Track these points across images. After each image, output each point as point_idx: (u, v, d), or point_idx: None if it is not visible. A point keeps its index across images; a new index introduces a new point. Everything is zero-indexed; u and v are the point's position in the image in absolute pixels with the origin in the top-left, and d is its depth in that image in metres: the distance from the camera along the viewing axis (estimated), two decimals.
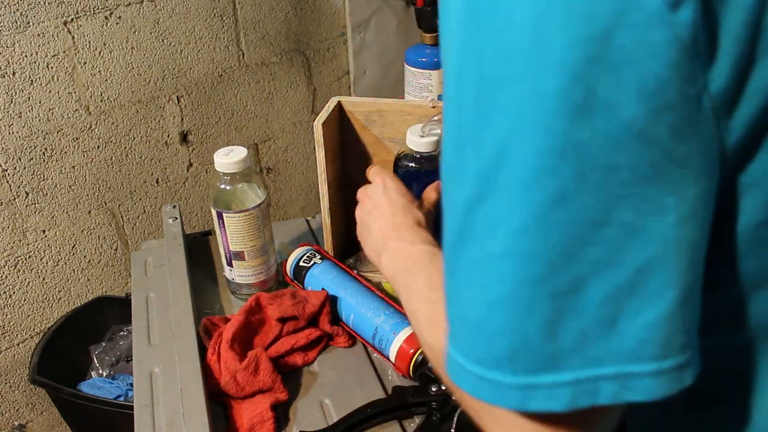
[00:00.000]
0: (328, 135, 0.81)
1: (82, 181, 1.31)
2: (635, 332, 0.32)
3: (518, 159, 0.31)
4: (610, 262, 0.32)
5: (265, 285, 0.86)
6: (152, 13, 1.30)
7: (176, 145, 1.45)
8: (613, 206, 0.31)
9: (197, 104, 1.44)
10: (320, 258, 0.84)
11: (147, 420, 0.67)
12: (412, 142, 0.77)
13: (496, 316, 0.34)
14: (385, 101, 0.84)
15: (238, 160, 0.78)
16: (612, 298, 0.32)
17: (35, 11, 1.15)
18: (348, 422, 0.67)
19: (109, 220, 1.39)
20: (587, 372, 0.33)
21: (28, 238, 1.27)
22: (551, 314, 0.32)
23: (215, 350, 0.73)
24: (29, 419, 1.41)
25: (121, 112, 1.33)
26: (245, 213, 0.79)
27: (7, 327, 1.31)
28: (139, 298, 0.85)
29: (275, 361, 0.73)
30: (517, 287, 0.33)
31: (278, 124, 1.62)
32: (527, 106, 0.30)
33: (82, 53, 1.23)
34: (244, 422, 0.68)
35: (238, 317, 0.75)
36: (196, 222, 1.55)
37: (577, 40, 0.29)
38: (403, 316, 0.75)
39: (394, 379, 0.74)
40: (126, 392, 1.27)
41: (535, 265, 0.32)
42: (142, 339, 0.78)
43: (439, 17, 0.36)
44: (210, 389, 0.70)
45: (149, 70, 1.34)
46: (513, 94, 0.31)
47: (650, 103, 0.29)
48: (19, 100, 1.18)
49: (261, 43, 1.50)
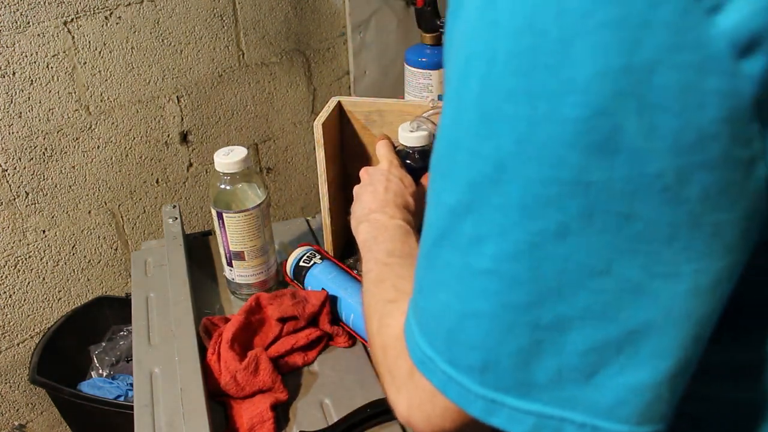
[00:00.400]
0: (328, 135, 0.82)
1: (82, 181, 1.31)
2: (614, 390, 0.30)
3: (519, 182, 0.28)
4: (602, 315, 0.29)
5: (265, 285, 0.86)
6: (152, 13, 1.30)
7: (176, 145, 1.45)
8: (618, 257, 0.27)
9: (197, 104, 1.44)
10: (320, 258, 0.84)
11: (147, 420, 0.67)
12: (403, 137, 0.77)
13: (471, 329, 0.32)
14: (385, 101, 0.84)
15: (238, 160, 0.78)
16: (596, 350, 0.29)
17: (35, 11, 1.15)
18: (348, 422, 0.67)
19: (109, 220, 1.39)
20: (555, 411, 0.31)
21: (28, 238, 1.27)
22: (528, 344, 0.30)
23: (215, 350, 0.73)
24: (29, 419, 1.41)
25: (121, 112, 1.33)
26: (245, 213, 0.79)
27: (7, 327, 1.31)
28: (139, 298, 0.85)
29: (275, 361, 0.73)
30: (497, 309, 0.31)
31: (278, 124, 1.62)
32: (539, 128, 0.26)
33: (82, 53, 1.23)
34: (244, 422, 0.68)
35: (238, 317, 0.75)
36: (196, 222, 1.55)
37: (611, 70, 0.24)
38: None
39: None
40: (126, 392, 1.27)
41: (521, 293, 0.30)
42: (142, 339, 0.78)
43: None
44: (210, 389, 0.70)
45: (149, 70, 1.34)
46: (523, 109, 0.27)
47: (685, 159, 0.25)
48: (19, 100, 1.18)
49: (261, 43, 1.50)
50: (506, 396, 0.31)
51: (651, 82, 0.24)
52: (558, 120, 0.26)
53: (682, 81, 0.24)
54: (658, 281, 0.28)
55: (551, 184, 0.27)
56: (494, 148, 0.28)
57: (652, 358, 0.29)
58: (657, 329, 0.28)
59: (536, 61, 0.26)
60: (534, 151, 0.27)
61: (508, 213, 0.29)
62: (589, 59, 0.24)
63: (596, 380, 0.30)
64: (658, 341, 0.29)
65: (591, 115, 0.25)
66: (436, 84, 1.15)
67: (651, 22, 0.23)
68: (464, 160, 0.30)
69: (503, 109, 0.27)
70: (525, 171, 0.27)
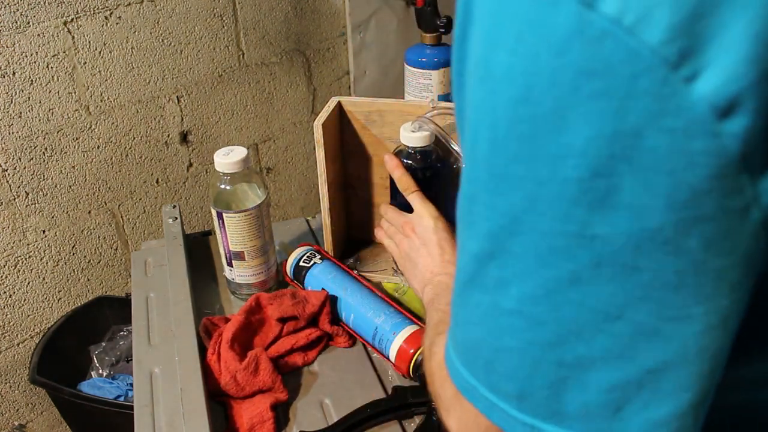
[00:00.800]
0: (328, 135, 0.82)
1: (82, 181, 1.31)
2: (641, 424, 0.31)
3: (532, 234, 0.30)
4: (621, 355, 0.30)
5: (265, 285, 0.86)
6: (152, 13, 1.30)
7: (176, 145, 1.45)
8: (630, 304, 0.29)
9: (197, 104, 1.44)
10: (320, 258, 0.84)
11: (147, 420, 0.67)
12: (405, 137, 0.78)
13: (505, 362, 0.34)
14: (385, 101, 0.84)
15: (238, 160, 0.78)
16: (619, 387, 0.31)
17: (35, 11, 1.15)
18: (348, 422, 0.67)
19: (109, 220, 1.39)
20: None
21: (28, 238, 1.27)
22: (556, 379, 0.32)
23: (215, 350, 0.73)
24: (29, 419, 1.41)
25: (121, 112, 1.33)
26: (245, 213, 0.79)
27: (7, 327, 1.31)
28: (139, 298, 0.85)
29: (275, 361, 0.73)
30: (524, 345, 0.32)
31: (278, 124, 1.62)
32: (544, 188, 0.28)
33: (82, 53, 1.23)
34: (244, 422, 0.68)
35: (238, 317, 0.75)
36: (196, 222, 1.55)
37: (603, 136, 0.26)
38: (404, 316, 0.75)
39: (394, 379, 0.74)
40: (126, 392, 1.27)
41: (544, 333, 0.31)
42: (142, 339, 0.78)
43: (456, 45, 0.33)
44: (210, 389, 0.70)
45: (149, 70, 1.34)
46: (529, 171, 0.29)
47: (682, 214, 0.26)
48: (19, 100, 1.18)
49: (261, 43, 1.50)
50: (543, 423, 0.33)
51: (641, 145, 0.26)
52: (560, 180, 0.28)
53: (669, 144, 0.25)
54: (671, 324, 0.29)
55: (561, 237, 0.29)
56: (508, 205, 0.30)
57: (674, 392, 0.30)
58: (675, 367, 0.30)
59: (535, 129, 0.28)
60: (543, 207, 0.29)
61: (526, 261, 0.31)
62: (583, 126, 0.26)
63: (622, 415, 0.31)
64: (677, 377, 0.30)
65: (590, 175, 0.27)
66: (436, 84, 1.14)
67: (634, 92, 0.25)
68: (482, 212, 0.32)
69: (511, 170, 0.29)
70: (537, 224, 0.29)
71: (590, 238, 0.28)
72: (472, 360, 0.36)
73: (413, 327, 0.73)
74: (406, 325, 0.73)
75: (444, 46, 1.15)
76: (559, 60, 0.26)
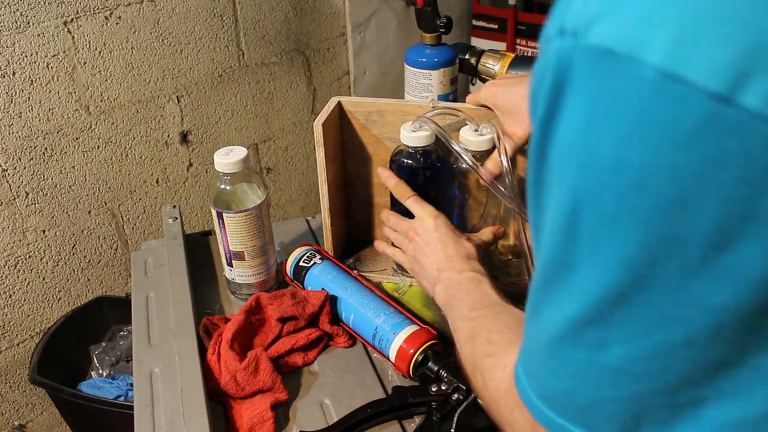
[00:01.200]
0: (328, 135, 0.82)
1: (82, 181, 1.31)
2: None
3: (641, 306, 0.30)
4: (737, 394, 0.31)
5: (265, 285, 0.86)
6: (152, 13, 1.30)
7: (176, 145, 1.45)
8: (748, 353, 0.29)
9: (197, 104, 1.45)
10: (320, 258, 0.84)
11: (147, 420, 0.67)
12: (405, 137, 0.78)
13: (606, 409, 0.34)
14: (385, 101, 0.84)
15: (238, 160, 0.78)
16: (733, 425, 0.31)
17: (35, 11, 1.15)
18: (348, 422, 0.67)
19: (109, 220, 1.39)
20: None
21: (28, 238, 1.27)
22: (665, 417, 0.32)
23: (215, 350, 0.73)
24: (29, 419, 1.41)
25: (121, 112, 1.33)
26: (245, 213, 0.79)
27: (7, 327, 1.31)
28: (139, 298, 0.85)
29: (275, 361, 0.73)
30: (630, 395, 0.33)
31: (278, 124, 1.62)
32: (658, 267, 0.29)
33: (82, 53, 1.23)
34: (244, 422, 0.68)
35: (238, 317, 0.75)
36: (196, 222, 1.55)
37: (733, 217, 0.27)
38: (404, 316, 0.75)
39: (394, 379, 0.74)
40: (126, 392, 1.27)
41: (653, 384, 0.32)
42: (142, 339, 0.78)
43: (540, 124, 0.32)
44: (210, 389, 0.70)
45: (149, 70, 1.34)
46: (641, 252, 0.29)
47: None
48: (19, 100, 1.18)
49: (261, 43, 1.50)
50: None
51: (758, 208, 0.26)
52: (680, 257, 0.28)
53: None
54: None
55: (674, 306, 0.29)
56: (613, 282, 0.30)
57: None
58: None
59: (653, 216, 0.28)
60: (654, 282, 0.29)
61: (633, 328, 0.31)
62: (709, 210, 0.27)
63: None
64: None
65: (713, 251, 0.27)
66: (436, 84, 1.14)
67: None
68: (580, 283, 0.32)
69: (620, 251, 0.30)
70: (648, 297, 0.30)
71: (710, 308, 0.28)
72: (563, 405, 0.36)
73: (413, 327, 0.73)
74: (406, 325, 0.73)
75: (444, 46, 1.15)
76: (686, 153, 0.26)
